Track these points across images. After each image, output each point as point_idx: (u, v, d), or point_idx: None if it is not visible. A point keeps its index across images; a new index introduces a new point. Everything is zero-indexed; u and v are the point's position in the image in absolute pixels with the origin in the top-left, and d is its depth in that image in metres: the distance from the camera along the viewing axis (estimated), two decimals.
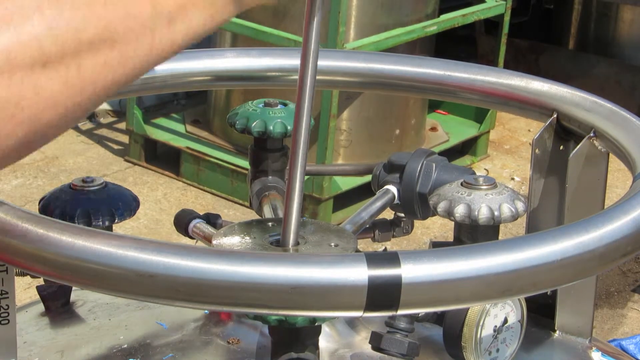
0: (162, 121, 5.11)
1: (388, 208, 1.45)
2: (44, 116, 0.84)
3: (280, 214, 1.33)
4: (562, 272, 1.01)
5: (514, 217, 1.32)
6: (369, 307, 0.95)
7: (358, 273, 0.94)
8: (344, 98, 4.58)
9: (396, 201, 1.44)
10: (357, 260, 0.95)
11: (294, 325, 1.21)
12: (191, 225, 1.41)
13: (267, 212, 1.42)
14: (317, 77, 1.12)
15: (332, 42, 4.26)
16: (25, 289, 3.43)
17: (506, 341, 1.32)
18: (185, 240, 1.35)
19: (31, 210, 1.02)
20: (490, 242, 1.15)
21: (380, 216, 1.46)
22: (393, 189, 1.44)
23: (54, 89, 0.84)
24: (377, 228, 1.50)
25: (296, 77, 1.13)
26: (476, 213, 1.30)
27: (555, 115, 1.40)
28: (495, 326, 1.30)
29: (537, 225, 1.39)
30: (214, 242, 1.22)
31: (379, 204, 1.42)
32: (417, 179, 1.42)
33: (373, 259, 0.95)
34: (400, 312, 0.96)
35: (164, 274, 0.94)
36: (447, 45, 5.55)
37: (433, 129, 5.25)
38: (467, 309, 1.28)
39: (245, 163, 4.50)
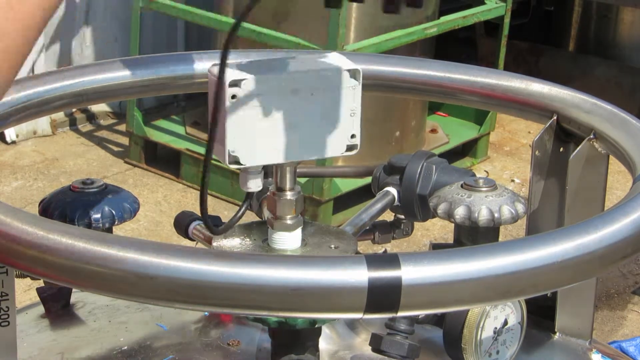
0: (162, 123, 5.11)
1: (388, 210, 1.45)
2: None
3: None
4: (562, 273, 1.01)
5: (514, 219, 1.32)
6: (369, 308, 0.95)
7: (358, 275, 0.94)
8: None
9: (396, 203, 1.44)
10: (357, 262, 0.95)
11: (294, 327, 1.21)
12: (191, 227, 1.41)
13: (267, 214, 1.42)
14: None
15: (332, 44, 4.26)
16: (25, 290, 3.43)
17: (506, 343, 1.32)
18: (186, 242, 1.35)
19: (31, 212, 1.02)
20: (490, 244, 1.15)
21: (381, 218, 1.46)
22: (393, 190, 1.44)
23: None
24: (377, 230, 1.50)
25: None
26: (476, 215, 1.30)
27: (555, 117, 1.40)
28: (496, 328, 1.30)
29: (537, 227, 1.39)
30: (214, 244, 1.22)
31: (379, 205, 1.42)
32: (417, 180, 1.42)
33: (373, 261, 0.95)
34: (400, 313, 0.96)
35: (164, 275, 0.94)
36: (447, 47, 5.54)
37: (433, 130, 5.25)
38: (467, 311, 1.28)
39: None
